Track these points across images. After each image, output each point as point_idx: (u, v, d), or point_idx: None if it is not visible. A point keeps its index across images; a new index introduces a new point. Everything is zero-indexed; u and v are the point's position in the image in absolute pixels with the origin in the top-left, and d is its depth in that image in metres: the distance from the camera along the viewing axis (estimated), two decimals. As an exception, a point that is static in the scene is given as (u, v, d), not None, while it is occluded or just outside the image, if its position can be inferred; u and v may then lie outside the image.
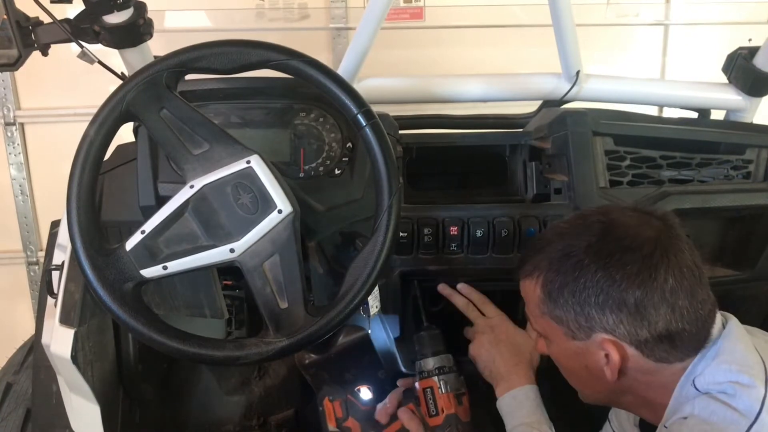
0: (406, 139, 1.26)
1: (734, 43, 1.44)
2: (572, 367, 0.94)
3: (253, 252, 0.89)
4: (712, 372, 0.83)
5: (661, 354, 0.85)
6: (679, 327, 0.83)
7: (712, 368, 0.84)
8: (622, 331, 0.83)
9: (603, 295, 0.83)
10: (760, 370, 0.83)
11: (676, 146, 1.21)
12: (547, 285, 0.88)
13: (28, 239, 2.84)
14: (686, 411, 0.82)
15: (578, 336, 0.87)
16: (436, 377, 1.14)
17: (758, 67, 1.35)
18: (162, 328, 0.87)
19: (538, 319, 0.93)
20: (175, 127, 0.91)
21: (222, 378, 1.58)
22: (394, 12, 2.63)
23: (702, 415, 0.80)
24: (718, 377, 0.83)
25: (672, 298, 0.82)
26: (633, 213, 0.89)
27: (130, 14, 1.14)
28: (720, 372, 0.83)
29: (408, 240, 1.14)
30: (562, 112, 1.21)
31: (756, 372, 0.82)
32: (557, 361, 0.97)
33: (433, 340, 1.17)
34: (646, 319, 0.82)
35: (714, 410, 0.80)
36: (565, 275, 0.86)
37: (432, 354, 1.16)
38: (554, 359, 0.97)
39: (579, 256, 0.85)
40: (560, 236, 0.90)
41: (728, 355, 0.84)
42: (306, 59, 0.92)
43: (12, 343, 1.54)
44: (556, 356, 0.96)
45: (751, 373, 0.82)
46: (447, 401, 1.12)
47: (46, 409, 1.22)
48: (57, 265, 1.16)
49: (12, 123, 2.71)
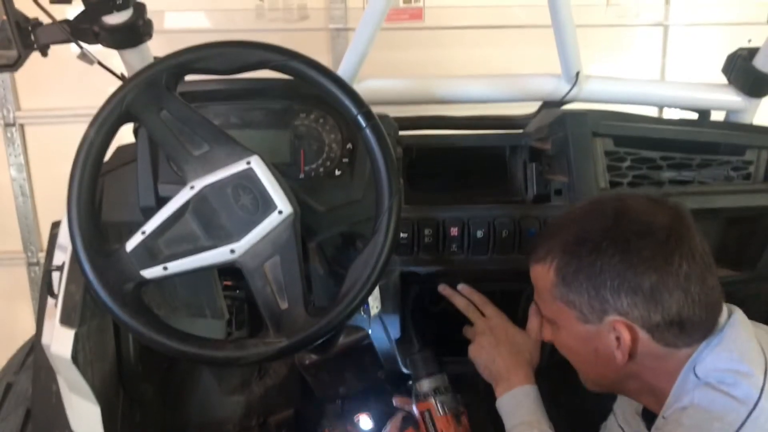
0: (407, 140, 1.26)
1: (734, 44, 1.44)
2: (581, 352, 0.94)
3: (254, 253, 0.89)
4: (714, 359, 0.84)
5: (671, 339, 0.85)
6: (690, 313, 0.84)
7: (714, 355, 0.85)
8: (636, 314, 0.84)
9: (619, 279, 0.84)
10: (760, 359, 0.84)
11: (677, 147, 1.21)
12: (561, 269, 0.89)
13: (29, 240, 2.84)
14: (685, 401, 0.83)
15: (590, 319, 0.88)
16: (433, 399, 1.14)
17: (758, 67, 1.35)
18: (162, 329, 0.87)
19: (549, 305, 0.93)
20: (175, 128, 0.91)
21: (222, 378, 1.58)
22: (394, 13, 2.63)
23: (701, 405, 0.81)
24: (719, 364, 0.83)
25: (685, 283, 0.83)
26: (646, 200, 0.90)
27: (130, 15, 1.14)
28: (721, 359, 0.84)
29: (408, 241, 1.14)
30: (562, 113, 1.21)
31: (756, 361, 0.84)
32: (564, 347, 0.97)
33: (426, 362, 1.18)
34: (660, 303, 0.83)
35: (713, 399, 0.81)
36: (580, 259, 0.86)
37: (426, 375, 1.16)
38: (560, 346, 0.97)
39: (596, 240, 0.85)
40: (574, 221, 0.90)
41: (730, 343, 0.85)
42: (305, 60, 0.92)
43: (12, 343, 1.54)
44: (564, 341, 0.96)
45: (751, 362, 0.83)
46: (445, 423, 1.12)
47: (46, 409, 1.22)
48: (57, 265, 1.17)
49: (12, 124, 2.71)
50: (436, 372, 1.17)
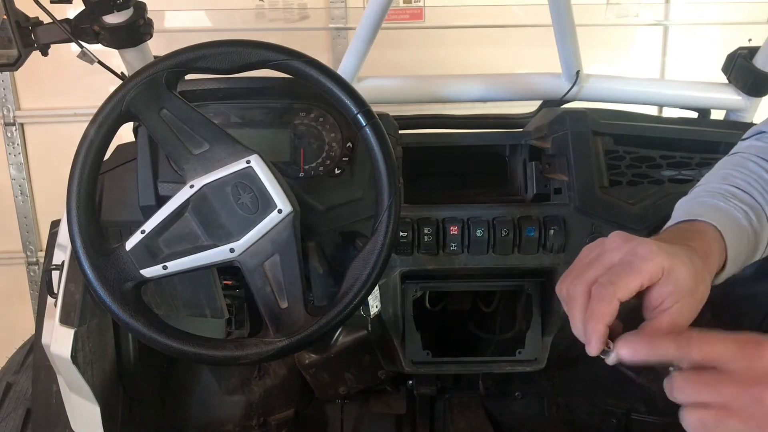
0: (406, 139, 1.26)
1: (734, 43, 1.44)
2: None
3: (253, 252, 0.89)
4: None
5: None
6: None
7: None
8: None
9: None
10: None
11: (676, 146, 1.21)
12: None
13: (28, 239, 2.84)
14: None
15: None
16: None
17: (758, 67, 1.35)
18: (162, 328, 0.87)
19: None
20: (175, 127, 0.90)
21: (222, 378, 1.58)
22: (394, 12, 2.64)
23: None
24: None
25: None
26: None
27: (130, 14, 1.14)
28: None
29: (408, 240, 1.14)
30: (561, 112, 1.21)
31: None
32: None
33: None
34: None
35: None
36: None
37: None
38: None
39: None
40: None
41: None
42: (306, 59, 0.92)
43: (12, 343, 1.54)
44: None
45: None
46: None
47: (46, 409, 1.22)
48: (57, 265, 1.16)
49: (12, 123, 2.72)
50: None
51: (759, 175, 0.77)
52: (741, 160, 0.81)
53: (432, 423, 1.58)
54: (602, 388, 1.50)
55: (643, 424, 1.46)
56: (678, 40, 2.80)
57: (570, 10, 1.31)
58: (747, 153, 0.81)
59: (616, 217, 1.14)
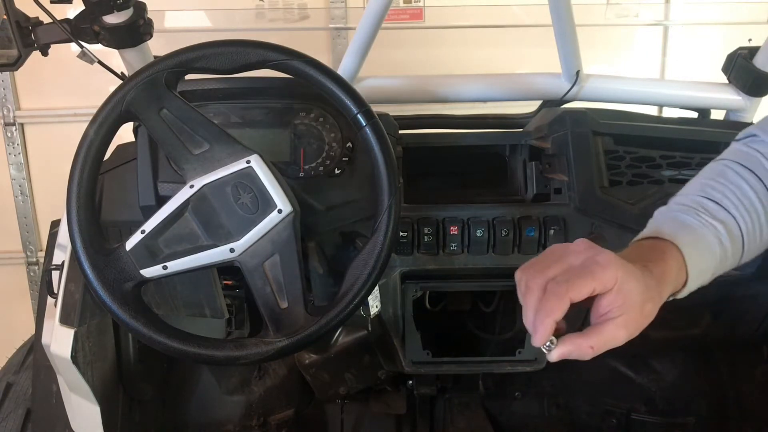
0: (406, 138, 1.26)
1: (734, 43, 1.44)
2: None
3: (253, 252, 0.89)
4: None
5: None
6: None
7: None
8: None
9: None
10: None
11: (676, 146, 1.21)
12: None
13: (28, 239, 2.84)
14: None
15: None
16: None
17: (758, 67, 1.35)
18: (162, 328, 0.87)
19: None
20: (175, 127, 0.91)
21: (222, 378, 1.58)
22: (394, 12, 2.64)
23: None
24: None
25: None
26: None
27: (130, 14, 1.14)
28: None
29: (408, 240, 1.14)
30: (561, 112, 1.21)
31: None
32: None
33: None
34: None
35: None
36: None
37: None
38: None
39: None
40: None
41: None
42: (305, 59, 0.92)
43: (12, 343, 1.54)
44: None
45: None
46: None
47: (46, 409, 1.22)
48: (57, 265, 1.16)
49: (12, 123, 2.72)
50: None
51: (738, 185, 0.79)
52: (723, 169, 0.82)
53: (432, 423, 1.58)
54: (602, 388, 1.50)
55: (643, 424, 1.46)
56: (678, 40, 2.80)
57: (570, 10, 1.31)
58: (730, 160, 0.83)
59: (616, 217, 1.14)
